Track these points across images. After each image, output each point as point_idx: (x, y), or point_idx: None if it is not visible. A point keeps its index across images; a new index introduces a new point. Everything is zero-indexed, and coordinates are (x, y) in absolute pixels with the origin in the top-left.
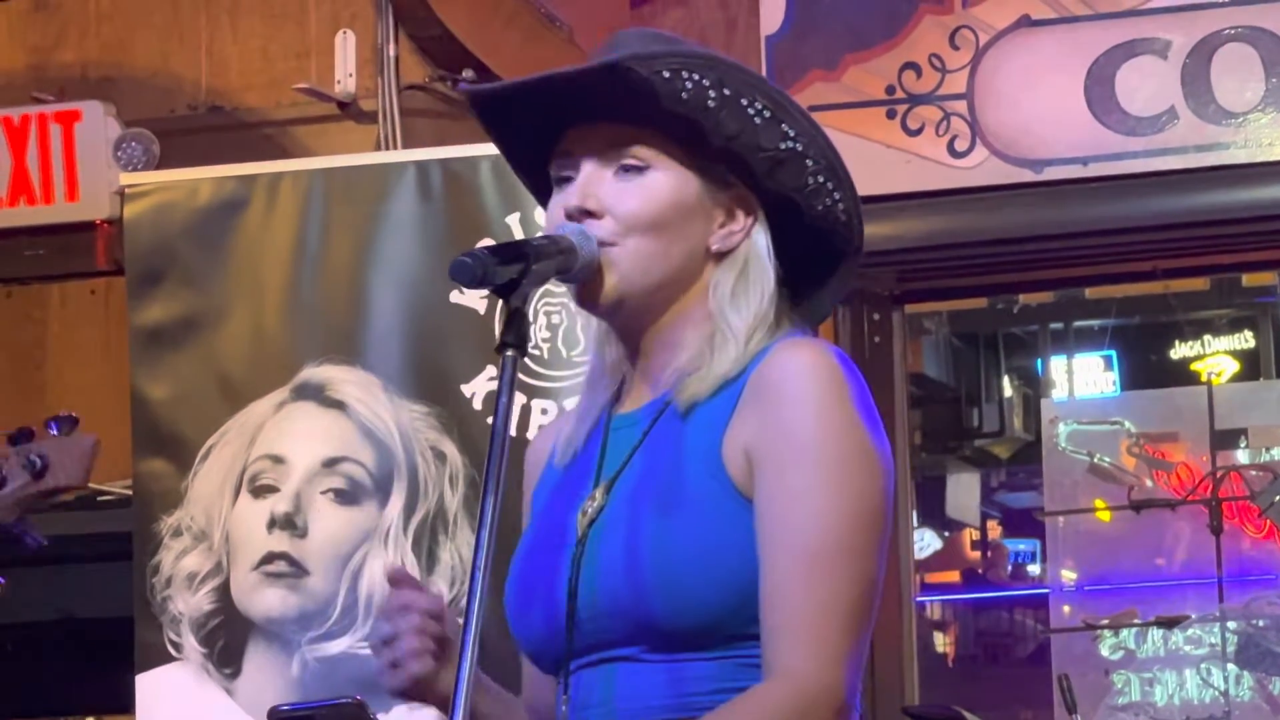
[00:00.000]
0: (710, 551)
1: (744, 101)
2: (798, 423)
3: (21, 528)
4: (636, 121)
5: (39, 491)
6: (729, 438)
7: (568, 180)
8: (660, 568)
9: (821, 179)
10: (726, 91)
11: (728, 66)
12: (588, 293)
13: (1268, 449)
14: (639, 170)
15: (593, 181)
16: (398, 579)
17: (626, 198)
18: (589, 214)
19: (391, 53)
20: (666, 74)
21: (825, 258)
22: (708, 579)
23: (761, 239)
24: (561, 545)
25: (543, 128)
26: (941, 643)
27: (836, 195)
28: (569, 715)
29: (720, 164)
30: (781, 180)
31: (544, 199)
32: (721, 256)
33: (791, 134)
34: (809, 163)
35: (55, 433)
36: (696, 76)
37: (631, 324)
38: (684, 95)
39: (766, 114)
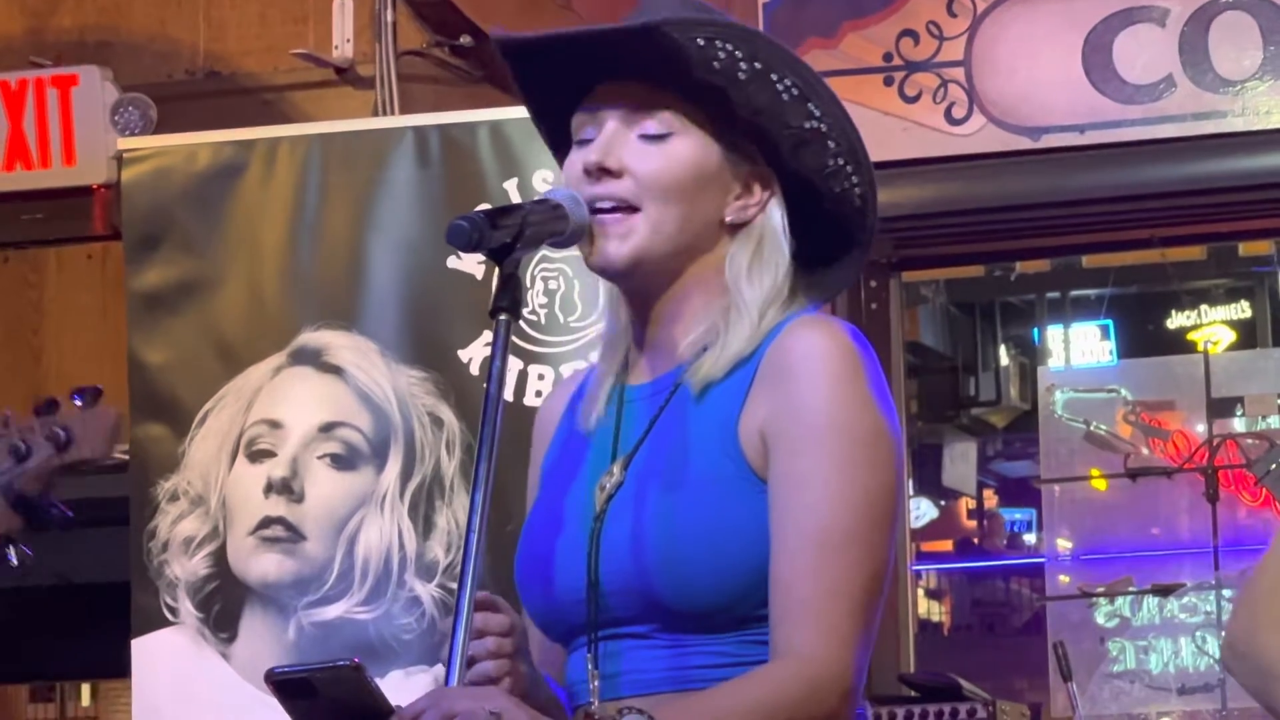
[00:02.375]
0: (718, 536)
1: (774, 77)
2: (812, 404)
3: (48, 499)
4: (665, 85)
5: (63, 464)
6: (745, 418)
7: (587, 140)
8: (666, 550)
9: (842, 161)
10: (758, 65)
11: (763, 41)
12: (602, 257)
13: (1264, 417)
14: (664, 135)
15: (615, 141)
16: (480, 604)
17: (648, 160)
18: (608, 172)
19: (389, 18)
20: (701, 41)
21: (836, 240)
22: (715, 562)
23: (777, 215)
24: (577, 519)
25: (568, 81)
26: (938, 611)
27: (855, 179)
28: (600, 689)
29: (743, 137)
30: (803, 159)
31: (560, 153)
32: (736, 230)
33: (817, 114)
34: (831, 144)
35: (79, 404)
36: (730, 47)
37: (644, 290)
38: (716, 65)
39: (795, 91)
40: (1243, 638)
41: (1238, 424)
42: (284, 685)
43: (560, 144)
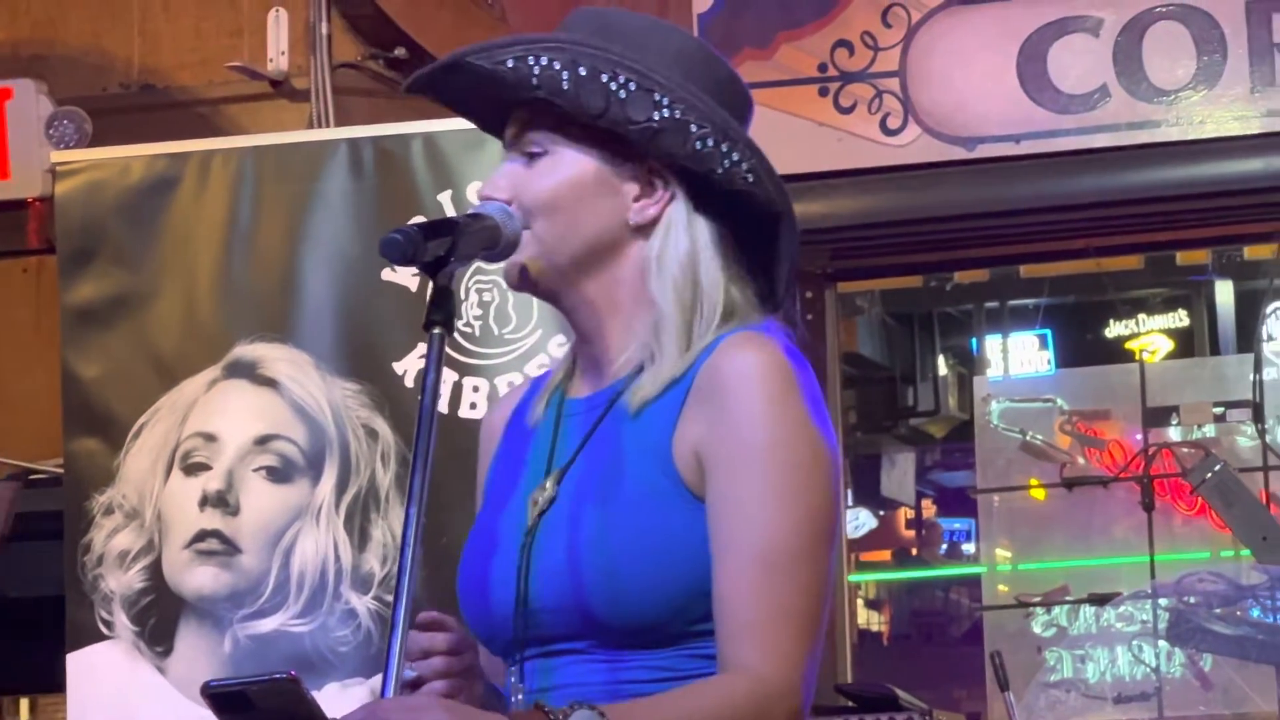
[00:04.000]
0: (654, 552)
1: (604, 78)
2: (748, 425)
3: None
4: (536, 106)
5: None
6: (679, 436)
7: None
8: (601, 566)
9: (712, 143)
10: (582, 71)
11: (585, 48)
12: (510, 273)
13: (1199, 426)
14: (537, 155)
15: (504, 170)
16: (422, 624)
17: (527, 183)
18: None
19: (324, 31)
20: (511, 62)
21: (754, 226)
22: (650, 578)
23: (681, 208)
24: (511, 534)
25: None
26: (877, 621)
27: (735, 156)
28: (524, 704)
29: (618, 140)
30: (665, 148)
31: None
32: (646, 230)
33: (665, 102)
34: (693, 128)
35: None
36: (545, 60)
37: (565, 303)
38: (534, 81)
39: (631, 86)
40: None
41: (1173, 433)
42: (219, 699)
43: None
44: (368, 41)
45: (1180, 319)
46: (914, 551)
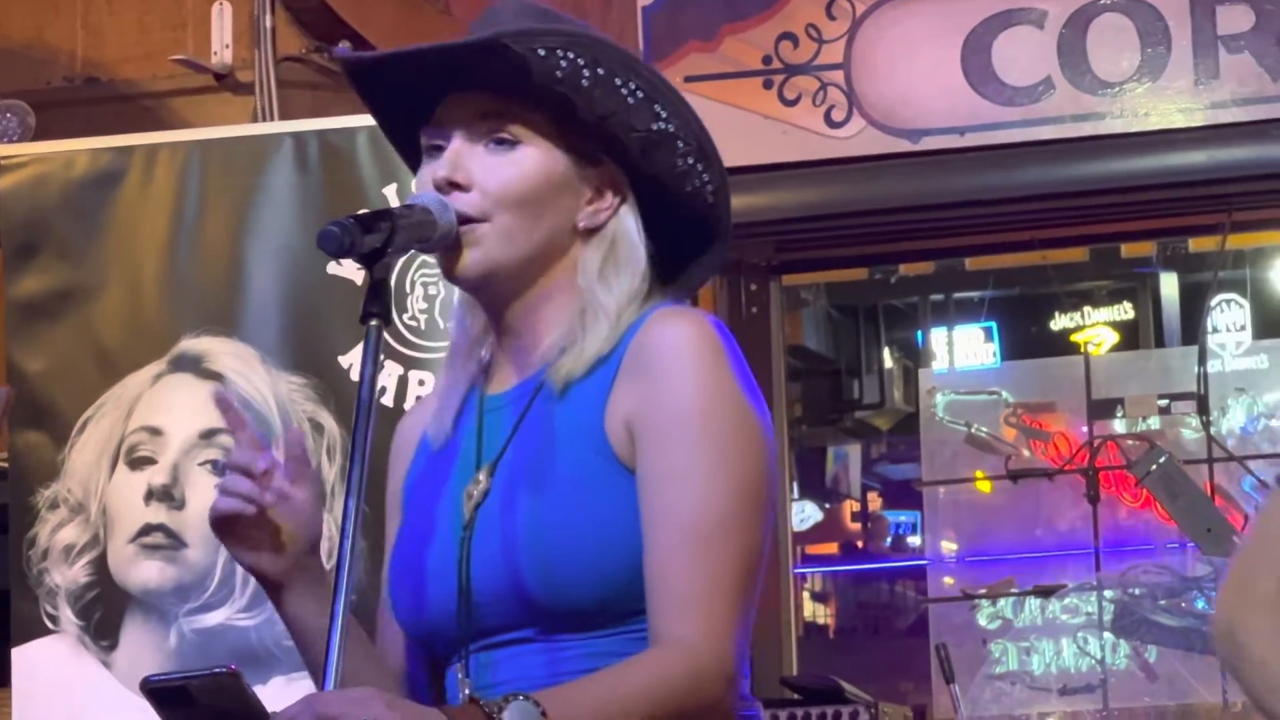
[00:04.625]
0: (594, 533)
1: (618, 81)
2: (678, 394)
3: None
4: (510, 95)
5: None
6: (610, 411)
7: (438, 149)
8: (540, 552)
9: (692, 160)
10: (601, 71)
11: (604, 46)
12: (453, 266)
13: (1144, 419)
14: (510, 145)
15: (463, 154)
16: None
17: (496, 173)
18: (457, 186)
19: (268, 24)
20: (542, 52)
21: (692, 238)
22: (591, 560)
23: (630, 217)
24: (447, 530)
25: (417, 94)
26: (823, 614)
27: (705, 177)
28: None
29: (592, 142)
30: (653, 161)
31: (416, 165)
32: (590, 234)
33: (664, 115)
34: (680, 144)
35: None
36: (572, 55)
37: (498, 299)
38: (559, 74)
39: (640, 94)
40: (1222, 617)
41: (1118, 425)
42: (160, 693)
43: (415, 156)
44: (312, 35)
45: (1125, 311)
46: (860, 544)
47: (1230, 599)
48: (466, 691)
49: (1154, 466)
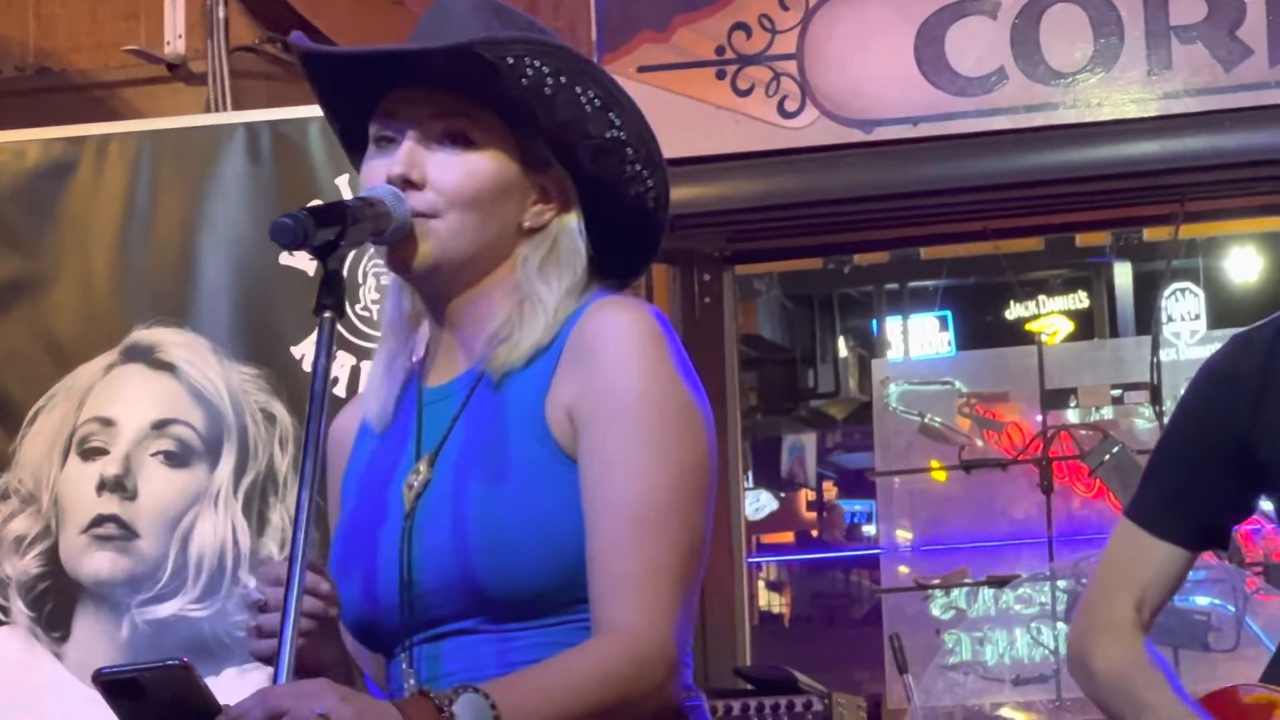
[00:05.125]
0: (539, 520)
1: (578, 89)
2: (618, 382)
3: None
4: (467, 96)
5: None
6: (551, 401)
7: (388, 140)
8: (489, 539)
9: (639, 167)
10: (563, 79)
11: (567, 55)
12: (401, 259)
13: (1097, 409)
14: (465, 145)
15: (417, 151)
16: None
17: (450, 172)
18: (411, 184)
19: (220, 14)
20: (511, 60)
21: (627, 241)
22: (537, 548)
23: (574, 219)
24: (387, 521)
25: (367, 85)
26: (778, 603)
27: (650, 184)
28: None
29: (542, 146)
30: (602, 166)
31: (354, 151)
32: (532, 233)
33: (618, 123)
34: (629, 151)
35: None
36: (538, 63)
37: (441, 292)
38: (524, 81)
39: (598, 103)
40: (1095, 654)
41: (1071, 415)
42: (111, 685)
43: (354, 142)
44: (265, 25)
45: (1080, 300)
46: (815, 533)
47: (1081, 627)
48: (411, 683)
49: (1107, 456)
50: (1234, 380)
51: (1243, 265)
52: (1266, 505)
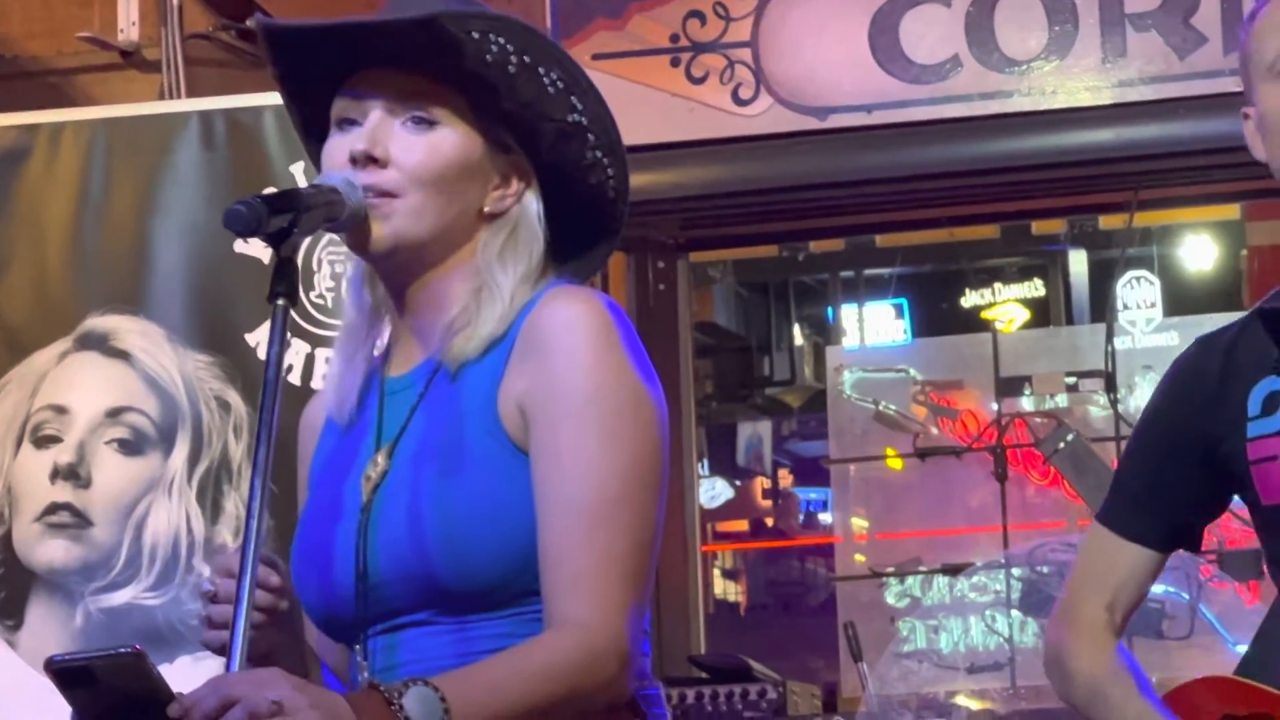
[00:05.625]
0: (492, 513)
1: (541, 70)
2: (570, 374)
3: None
4: (432, 76)
5: None
6: (503, 393)
7: (350, 122)
8: (444, 531)
9: (600, 155)
10: (527, 59)
11: (531, 34)
12: (360, 238)
13: (1052, 396)
14: (429, 125)
15: (382, 130)
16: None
17: (413, 152)
18: (374, 161)
19: (174, 1)
20: (476, 35)
21: (586, 230)
22: (492, 540)
23: (533, 205)
24: (346, 512)
25: (327, 68)
26: (734, 591)
27: (610, 172)
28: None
29: (505, 128)
30: (563, 152)
31: (311, 135)
32: (493, 218)
33: (579, 108)
34: (591, 137)
35: None
36: (502, 40)
37: (401, 275)
38: (489, 58)
39: (560, 85)
40: (1051, 646)
41: (1026, 403)
42: (63, 674)
43: (311, 126)
44: (219, 12)
45: (1035, 288)
46: (770, 521)
47: (1057, 628)
48: (366, 674)
49: (1062, 444)
50: (1196, 380)
51: (1198, 253)
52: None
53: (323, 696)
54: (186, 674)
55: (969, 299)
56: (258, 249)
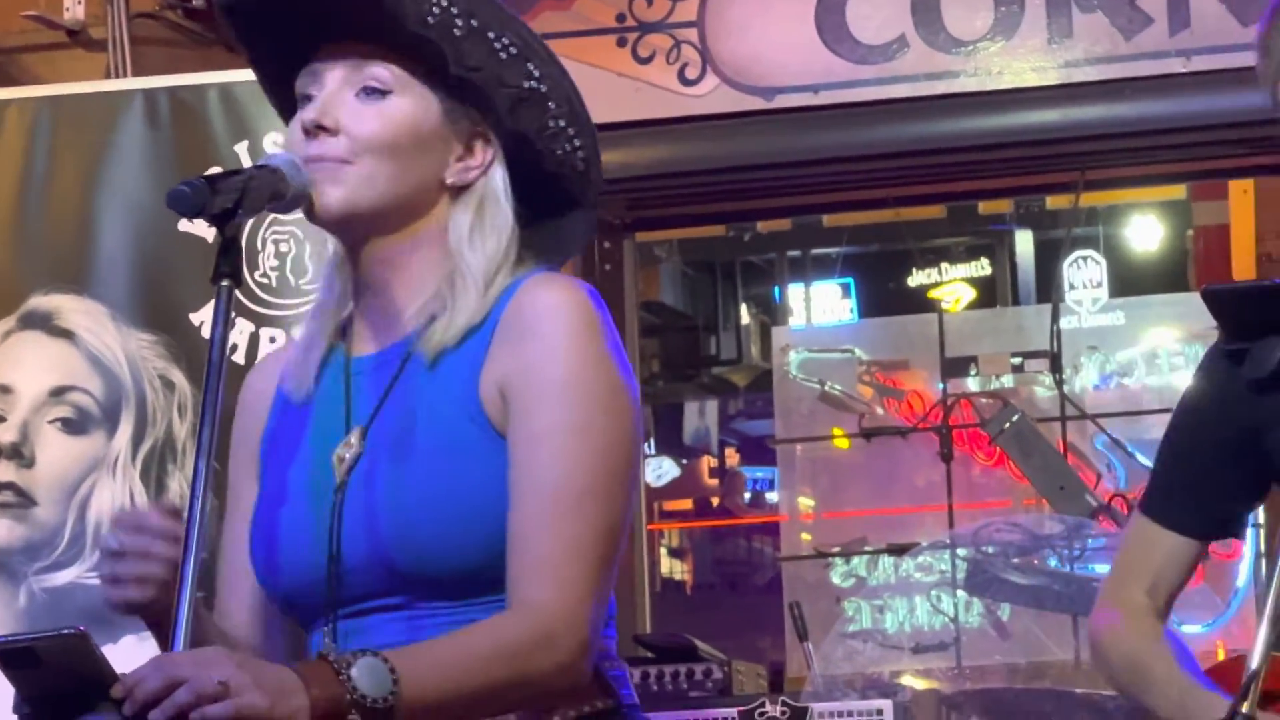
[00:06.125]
0: (467, 500)
1: (491, 35)
2: (549, 360)
3: None
4: (383, 43)
5: None
6: (485, 377)
7: (307, 98)
8: (419, 518)
9: (563, 123)
10: (474, 22)
11: (482, 0)
12: (313, 205)
13: (997, 377)
14: (380, 95)
15: (333, 99)
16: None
17: (365, 119)
18: (325, 130)
19: None
20: None
21: (560, 203)
22: (463, 529)
23: (499, 177)
24: (315, 492)
25: (295, 45)
26: (680, 570)
27: (577, 142)
28: None
29: (464, 98)
30: (521, 119)
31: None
32: (457, 192)
33: (536, 74)
34: (551, 105)
35: None
36: (445, 3)
37: (363, 248)
38: (430, 20)
39: (513, 50)
40: (1108, 638)
41: (971, 383)
42: (7, 655)
43: (291, 109)
44: None
45: (982, 267)
46: (716, 501)
47: (1100, 615)
48: (332, 645)
49: (1007, 425)
50: (1235, 370)
51: (1144, 233)
52: None
53: (267, 673)
54: (131, 653)
55: (915, 278)
56: (202, 228)
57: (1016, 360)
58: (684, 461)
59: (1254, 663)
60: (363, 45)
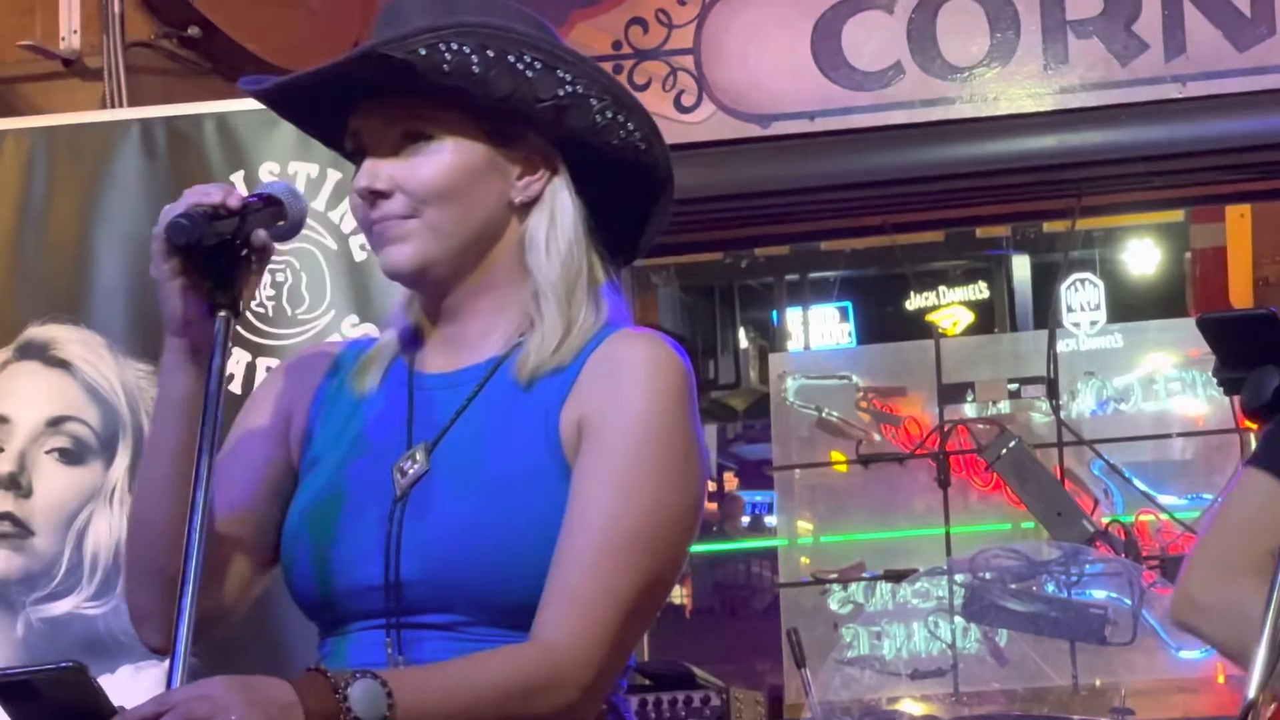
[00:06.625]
0: (537, 531)
1: (511, 59)
2: (633, 409)
3: None
4: (416, 93)
5: None
6: (567, 410)
7: (362, 153)
8: (484, 544)
9: (610, 114)
10: (490, 54)
11: (489, 29)
12: (390, 265)
13: (994, 402)
14: (424, 142)
15: (378, 161)
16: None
17: (414, 173)
18: (380, 194)
19: (116, 9)
20: (423, 50)
21: (638, 192)
22: (529, 559)
23: (564, 184)
24: (374, 500)
25: (337, 106)
26: (679, 594)
27: (630, 125)
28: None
29: (508, 120)
30: (569, 124)
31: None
32: (527, 207)
33: (569, 79)
34: (593, 102)
35: None
36: (455, 45)
37: (439, 289)
38: (446, 68)
39: (538, 65)
40: (1202, 590)
41: (968, 409)
42: (4, 688)
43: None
44: (161, 20)
45: (980, 291)
46: (715, 525)
47: (1199, 573)
48: (399, 657)
49: (1004, 451)
50: None
51: (1142, 256)
52: None
53: (256, 691)
54: (128, 684)
55: (913, 302)
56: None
57: (1013, 386)
58: None
59: (1251, 691)
60: (397, 98)
